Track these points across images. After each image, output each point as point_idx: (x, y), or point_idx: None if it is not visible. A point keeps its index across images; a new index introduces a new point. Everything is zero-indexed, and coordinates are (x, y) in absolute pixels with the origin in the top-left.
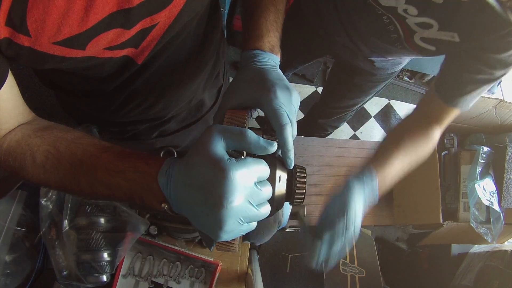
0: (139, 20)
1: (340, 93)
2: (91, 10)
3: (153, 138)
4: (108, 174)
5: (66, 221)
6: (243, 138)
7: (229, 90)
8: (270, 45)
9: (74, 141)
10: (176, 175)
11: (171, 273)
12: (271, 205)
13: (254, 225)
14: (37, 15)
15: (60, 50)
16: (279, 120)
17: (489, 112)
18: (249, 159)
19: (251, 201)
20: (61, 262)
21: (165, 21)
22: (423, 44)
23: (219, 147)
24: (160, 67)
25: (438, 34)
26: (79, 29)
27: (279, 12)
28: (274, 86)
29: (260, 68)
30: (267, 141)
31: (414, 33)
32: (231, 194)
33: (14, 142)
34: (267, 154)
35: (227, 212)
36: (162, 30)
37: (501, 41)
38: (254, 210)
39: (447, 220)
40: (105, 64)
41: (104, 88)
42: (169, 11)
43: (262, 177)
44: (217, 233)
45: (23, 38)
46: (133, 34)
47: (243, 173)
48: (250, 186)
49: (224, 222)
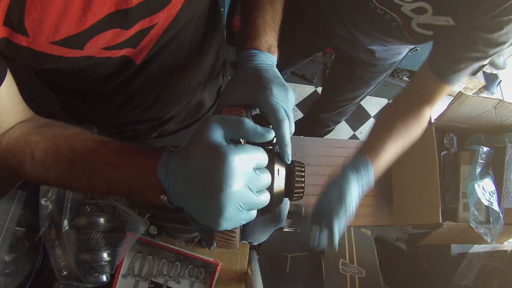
0: (137, 21)
1: (342, 86)
2: (89, 11)
3: (152, 138)
4: (106, 168)
5: (66, 221)
6: (240, 125)
7: (226, 89)
8: (268, 45)
9: (73, 136)
10: (175, 165)
11: (170, 273)
12: (270, 200)
13: (254, 214)
14: (35, 15)
15: (58, 50)
16: (276, 115)
17: (488, 112)
18: (247, 145)
19: (250, 186)
20: (60, 262)
21: (164, 21)
22: (420, 30)
23: (217, 134)
24: (159, 67)
25: (433, 19)
26: (77, 29)
27: (277, 12)
28: (270, 83)
29: (256, 67)
30: (264, 128)
31: (411, 20)
32: (230, 178)
33: (13, 140)
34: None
35: (226, 196)
36: (161, 30)
37: (493, 21)
38: (254, 197)
39: (447, 220)
40: (103, 64)
41: (103, 88)
42: (168, 11)
43: (260, 164)
44: (217, 221)
45: (21, 38)
46: (132, 34)
47: (242, 158)
48: (249, 172)
49: (224, 207)
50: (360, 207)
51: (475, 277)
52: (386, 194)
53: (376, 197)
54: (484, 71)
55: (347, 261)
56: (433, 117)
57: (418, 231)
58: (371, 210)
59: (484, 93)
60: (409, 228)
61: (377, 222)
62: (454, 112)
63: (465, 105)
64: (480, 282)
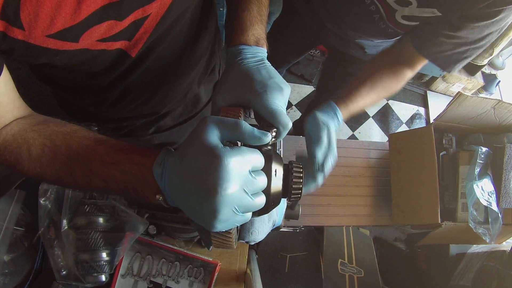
0: (131, 12)
1: (335, 84)
2: (83, 3)
3: (149, 134)
4: (103, 166)
5: (65, 220)
6: (237, 128)
7: (219, 89)
8: (255, 37)
9: (70, 134)
10: (171, 165)
11: (170, 273)
12: (267, 201)
13: (249, 216)
14: (30, 8)
15: (53, 43)
16: (282, 120)
17: (487, 112)
18: (243, 147)
19: (246, 189)
20: (59, 262)
21: (157, 12)
22: (405, 22)
23: (213, 136)
24: (154, 60)
25: (418, 11)
26: (71, 22)
27: (262, 5)
28: (266, 87)
29: (247, 67)
30: (261, 132)
31: (395, 12)
32: (225, 180)
33: (10, 136)
34: (263, 149)
35: (221, 199)
36: (155, 22)
37: (482, 11)
38: (249, 200)
39: (446, 220)
40: (98, 58)
41: (99, 83)
42: (161, 2)
43: (256, 166)
44: (211, 222)
45: (17, 32)
46: (126, 26)
47: (238, 160)
48: (245, 174)
49: (218, 210)
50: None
51: (474, 277)
52: (385, 194)
53: (375, 197)
54: (483, 72)
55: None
56: (432, 117)
57: (416, 231)
58: (370, 210)
59: (483, 93)
60: (407, 228)
61: (376, 222)
62: (453, 112)
63: (464, 105)
64: (479, 282)
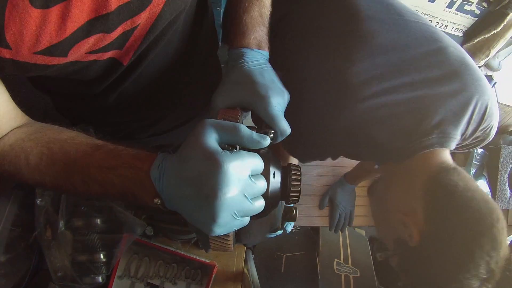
0: (119, 24)
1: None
2: (68, 19)
3: (147, 136)
4: (101, 171)
5: (62, 221)
6: (236, 131)
7: (220, 92)
8: (257, 40)
9: (67, 141)
10: (168, 169)
11: (167, 275)
12: (266, 204)
13: (247, 220)
14: (15, 28)
15: (42, 59)
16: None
17: None
18: (242, 151)
19: (245, 194)
20: (56, 263)
21: (146, 21)
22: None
23: (212, 140)
24: (147, 66)
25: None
26: (58, 38)
27: (264, 6)
28: (268, 91)
29: (248, 70)
30: (260, 135)
31: None
32: (225, 185)
33: (7, 147)
34: (261, 151)
35: (221, 203)
36: (145, 30)
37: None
38: (248, 204)
39: None
40: (90, 67)
41: (94, 90)
42: (149, 11)
43: (256, 170)
44: (210, 227)
45: (4, 51)
46: (115, 37)
47: (237, 165)
48: (244, 179)
49: (218, 214)
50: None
51: None
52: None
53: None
54: None
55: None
56: None
57: None
58: (365, 211)
59: None
60: None
61: (371, 222)
62: None
63: None
64: None
